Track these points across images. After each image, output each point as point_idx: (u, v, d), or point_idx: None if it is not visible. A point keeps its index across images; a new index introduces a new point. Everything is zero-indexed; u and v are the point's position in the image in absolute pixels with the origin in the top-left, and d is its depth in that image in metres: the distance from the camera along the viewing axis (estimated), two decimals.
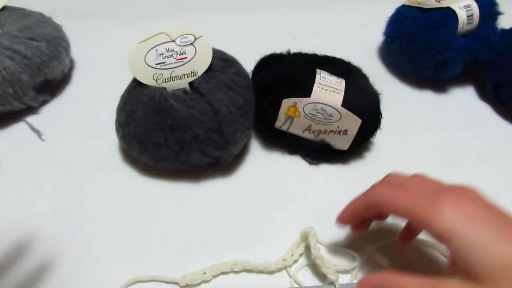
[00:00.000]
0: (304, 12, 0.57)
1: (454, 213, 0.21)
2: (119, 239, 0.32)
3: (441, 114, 0.44)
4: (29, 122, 0.41)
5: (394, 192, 0.25)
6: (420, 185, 0.25)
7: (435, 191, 0.24)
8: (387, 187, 0.26)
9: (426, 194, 0.24)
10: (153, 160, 0.34)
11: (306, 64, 0.37)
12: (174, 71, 0.33)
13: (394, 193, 0.25)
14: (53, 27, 0.43)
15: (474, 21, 0.42)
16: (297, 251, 0.31)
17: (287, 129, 0.36)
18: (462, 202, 0.22)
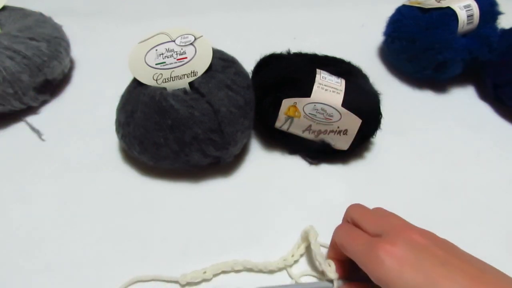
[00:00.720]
0: (304, 12, 0.57)
1: (388, 259, 0.23)
2: (119, 239, 0.32)
3: (441, 114, 0.44)
4: (29, 122, 0.41)
5: (347, 234, 0.27)
6: (371, 225, 0.26)
7: (375, 239, 0.25)
8: (344, 228, 0.28)
9: (367, 241, 0.25)
10: (153, 160, 0.34)
11: (306, 64, 0.37)
12: (174, 71, 0.33)
13: (345, 235, 0.27)
14: (53, 27, 0.43)
15: (474, 21, 0.42)
16: (298, 251, 0.31)
17: (287, 129, 0.36)
18: (395, 248, 0.23)
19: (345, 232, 0.27)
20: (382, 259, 0.23)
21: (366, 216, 0.28)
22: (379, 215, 0.28)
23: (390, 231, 0.25)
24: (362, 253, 0.24)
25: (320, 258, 0.29)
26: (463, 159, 0.40)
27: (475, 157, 0.40)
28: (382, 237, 0.25)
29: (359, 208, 0.29)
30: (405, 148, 0.40)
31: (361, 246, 0.25)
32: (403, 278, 0.22)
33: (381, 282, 0.23)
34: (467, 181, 0.38)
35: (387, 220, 0.27)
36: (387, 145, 0.40)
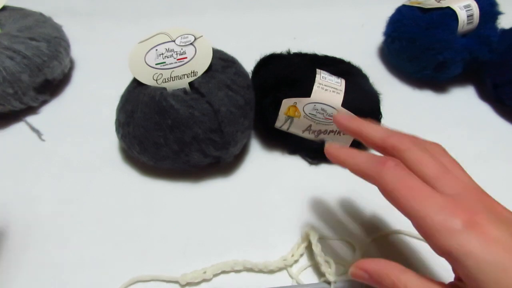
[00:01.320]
0: (304, 12, 0.57)
1: (470, 231, 0.19)
2: (119, 239, 0.32)
3: (441, 114, 0.44)
4: (29, 122, 0.41)
5: (406, 184, 0.21)
6: (435, 175, 0.22)
7: (451, 200, 0.20)
8: (401, 174, 0.22)
9: (439, 202, 0.20)
10: (153, 160, 0.34)
11: (306, 64, 0.37)
12: (174, 71, 0.33)
13: (405, 186, 0.21)
14: (53, 27, 0.43)
15: (474, 21, 0.42)
16: (298, 251, 0.31)
17: (287, 129, 0.36)
18: (478, 217, 0.19)
19: (400, 178, 0.21)
20: (462, 229, 0.19)
21: (424, 159, 0.22)
22: (439, 161, 0.23)
23: (465, 193, 0.21)
24: (430, 216, 0.20)
25: (320, 258, 0.29)
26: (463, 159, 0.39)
27: (475, 157, 0.40)
28: (455, 198, 0.20)
29: (411, 142, 0.23)
30: None
31: (428, 206, 0.20)
32: (489, 255, 0.18)
33: (453, 254, 0.19)
34: None
35: (454, 174, 0.22)
36: None
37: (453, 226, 0.19)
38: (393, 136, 0.24)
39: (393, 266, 0.22)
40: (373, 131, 0.25)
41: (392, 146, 0.23)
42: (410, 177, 0.21)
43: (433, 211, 0.20)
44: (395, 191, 0.21)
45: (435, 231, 0.20)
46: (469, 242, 0.19)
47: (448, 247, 0.19)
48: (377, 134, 0.24)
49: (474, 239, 0.19)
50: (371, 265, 0.22)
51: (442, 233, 0.19)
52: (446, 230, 0.19)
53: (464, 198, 0.21)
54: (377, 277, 0.22)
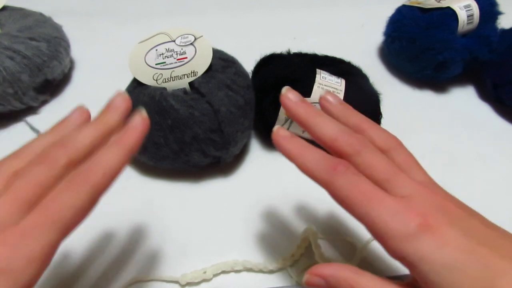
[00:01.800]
0: (304, 12, 0.57)
1: (423, 234, 0.18)
2: (119, 239, 0.32)
3: (441, 114, 0.44)
4: (29, 122, 0.41)
5: (359, 186, 0.20)
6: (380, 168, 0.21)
7: (404, 203, 0.20)
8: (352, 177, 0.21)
9: (391, 204, 0.20)
10: (153, 160, 0.34)
11: (306, 64, 0.37)
12: (174, 71, 0.33)
13: (358, 188, 0.20)
14: (53, 27, 0.43)
15: (474, 21, 0.42)
16: (298, 251, 0.31)
17: (287, 129, 0.36)
18: (430, 219, 0.19)
19: (353, 184, 0.20)
20: (415, 233, 0.18)
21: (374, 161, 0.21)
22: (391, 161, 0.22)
23: (416, 194, 0.20)
24: (385, 221, 0.19)
25: (320, 258, 0.29)
26: (463, 159, 0.40)
27: (475, 157, 0.40)
28: (407, 201, 0.20)
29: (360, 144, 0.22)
30: None
31: (382, 211, 0.19)
32: (443, 257, 0.18)
33: (408, 259, 0.19)
34: (467, 181, 0.38)
35: (406, 174, 0.21)
36: None
37: (407, 231, 0.19)
38: (342, 138, 0.22)
39: (349, 269, 0.21)
40: (323, 127, 0.23)
41: (341, 150, 0.22)
42: (362, 181, 0.21)
43: (387, 216, 0.19)
44: (348, 198, 0.20)
45: (389, 236, 0.19)
46: (423, 246, 0.18)
47: (403, 252, 0.19)
48: (326, 132, 0.22)
49: (428, 243, 0.18)
50: (326, 270, 0.21)
51: (396, 239, 0.19)
52: (400, 235, 0.19)
53: (416, 200, 0.20)
54: (335, 282, 0.20)
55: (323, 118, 0.23)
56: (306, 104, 0.24)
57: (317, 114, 0.23)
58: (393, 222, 0.19)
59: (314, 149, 0.22)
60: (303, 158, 0.22)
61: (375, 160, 0.21)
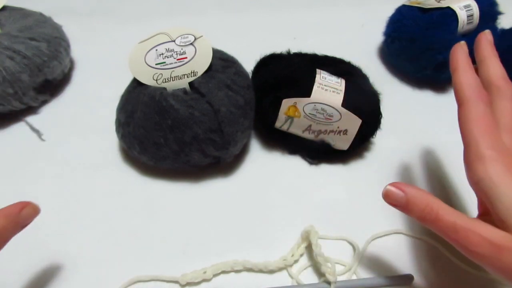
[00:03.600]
0: (304, 12, 0.57)
1: (500, 167, 0.22)
2: (119, 239, 0.32)
3: (441, 114, 0.44)
4: (29, 122, 0.41)
5: (485, 116, 0.24)
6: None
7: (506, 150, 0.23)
8: (486, 109, 0.25)
9: (496, 145, 0.23)
10: (153, 160, 0.34)
11: (306, 64, 0.37)
12: (174, 71, 0.33)
13: (482, 117, 0.24)
14: (53, 27, 0.43)
15: (474, 21, 0.42)
16: (298, 251, 0.31)
17: (287, 129, 0.36)
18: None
19: (483, 115, 0.25)
20: (494, 164, 0.22)
21: (507, 111, 0.26)
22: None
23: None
24: (483, 152, 0.23)
25: (320, 258, 0.29)
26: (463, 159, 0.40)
27: None
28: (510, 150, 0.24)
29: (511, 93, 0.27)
30: (405, 148, 0.40)
31: (485, 142, 0.23)
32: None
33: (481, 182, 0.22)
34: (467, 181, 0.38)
35: None
36: (387, 145, 0.40)
37: (494, 161, 0.22)
38: (500, 80, 0.27)
39: (428, 193, 0.24)
40: (495, 66, 0.28)
41: (497, 87, 0.27)
42: (490, 116, 0.25)
43: (486, 146, 0.23)
44: (470, 120, 0.24)
45: (475, 160, 0.23)
46: (495, 176, 0.22)
47: (483, 174, 0.22)
48: (493, 71, 0.28)
49: (500, 174, 0.22)
50: (407, 187, 0.24)
51: (483, 162, 0.22)
52: (487, 161, 0.22)
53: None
54: (413, 198, 0.24)
55: (498, 60, 0.29)
56: (493, 47, 0.30)
57: (495, 56, 0.29)
58: (488, 150, 0.23)
59: (473, 73, 0.28)
60: (463, 76, 0.28)
61: (509, 110, 0.26)
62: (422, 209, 0.24)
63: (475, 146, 0.23)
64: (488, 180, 0.22)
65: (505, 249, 0.21)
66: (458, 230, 0.22)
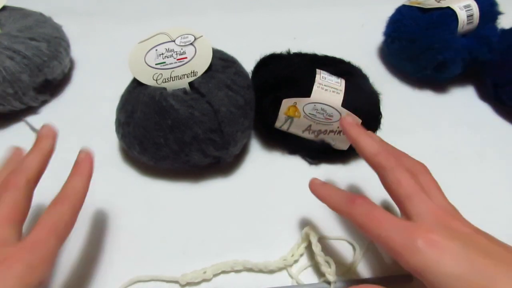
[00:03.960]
0: (304, 12, 0.57)
1: (427, 248, 0.21)
2: (119, 239, 0.32)
3: (441, 114, 0.44)
4: (29, 122, 0.41)
5: (370, 214, 0.24)
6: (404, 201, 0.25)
7: (412, 224, 0.23)
8: (365, 206, 0.25)
9: (400, 226, 0.23)
10: (153, 160, 0.34)
11: (306, 64, 0.37)
12: (174, 71, 0.33)
13: (369, 216, 0.24)
14: (53, 27, 0.43)
15: (474, 21, 0.42)
16: (298, 251, 0.31)
17: (287, 129, 0.36)
18: (435, 236, 0.22)
19: (367, 212, 0.25)
20: (420, 248, 0.21)
21: (403, 179, 0.25)
22: (417, 181, 0.25)
23: (425, 215, 0.23)
24: (394, 239, 0.23)
25: (320, 258, 0.29)
26: (463, 159, 0.40)
27: (475, 157, 0.40)
28: (417, 222, 0.23)
29: (395, 162, 0.26)
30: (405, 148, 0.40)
31: (391, 232, 0.23)
32: (444, 267, 0.21)
33: (416, 271, 0.22)
34: (467, 181, 0.38)
35: (427, 195, 0.25)
36: None
37: (413, 246, 0.22)
38: (381, 154, 0.27)
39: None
40: (367, 145, 0.28)
41: (379, 163, 0.26)
42: (375, 209, 0.25)
43: (396, 235, 0.23)
44: (364, 223, 0.24)
45: (400, 251, 0.22)
46: (427, 258, 0.21)
47: (412, 265, 0.22)
48: (369, 149, 0.27)
49: (430, 255, 0.21)
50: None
51: (406, 253, 0.22)
52: (408, 250, 0.22)
53: (426, 219, 0.23)
54: None
55: (370, 138, 0.28)
56: (358, 126, 0.29)
57: (366, 134, 0.29)
58: (401, 239, 0.22)
59: (338, 190, 0.28)
60: (331, 199, 0.27)
61: (403, 178, 0.25)
62: None
63: (391, 242, 0.23)
64: (427, 271, 0.21)
65: None
66: None
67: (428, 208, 0.24)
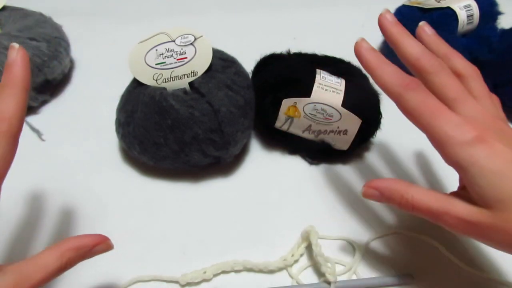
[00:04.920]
0: (304, 12, 0.57)
1: (478, 143, 0.21)
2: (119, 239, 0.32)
3: None
4: (29, 122, 0.41)
5: (427, 100, 0.23)
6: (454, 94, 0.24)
7: (465, 119, 0.23)
8: (422, 94, 0.23)
9: (454, 117, 0.22)
10: (153, 160, 0.34)
11: (306, 64, 0.37)
12: (174, 71, 0.33)
13: (427, 101, 0.23)
14: (53, 27, 0.43)
15: (474, 21, 0.42)
16: (298, 251, 0.31)
17: (287, 129, 0.36)
18: (487, 134, 0.22)
19: (422, 98, 0.23)
20: (471, 142, 0.21)
21: (448, 83, 0.24)
22: (464, 86, 0.24)
23: (479, 116, 0.23)
24: (446, 131, 0.22)
25: (320, 258, 0.29)
26: None
27: None
28: (469, 119, 0.23)
29: (440, 66, 0.25)
30: (405, 148, 0.40)
31: (444, 122, 0.22)
32: (492, 164, 0.21)
33: (462, 164, 0.22)
34: None
35: (475, 100, 0.24)
36: (387, 145, 0.40)
37: (464, 140, 0.22)
38: (424, 58, 0.25)
39: (401, 182, 0.25)
40: (409, 46, 0.25)
41: (422, 67, 0.25)
42: (430, 97, 0.23)
43: (448, 127, 0.22)
44: (415, 110, 0.23)
45: (447, 143, 0.22)
46: (476, 154, 0.21)
47: (457, 157, 0.22)
48: (412, 51, 0.25)
49: (480, 151, 0.21)
50: (381, 183, 0.25)
51: (453, 145, 0.22)
52: (457, 143, 0.22)
53: (477, 119, 0.23)
54: (388, 192, 0.25)
55: (411, 39, 0.26)
56: (399, 25, 0.27)
57: (407, 35, 0.26)
58: (452, 131, 0.22)
59: (391, 64, 0.25)
60: (380, 70, 0.25)
61: (449, 81, 0.24)
62: (399, 201, 0.24)
63: (441, 133, 0.22)
64: (473, 165, 0.21)
65: (483, 226, 0.21)
66: (435, 215, 0.23)
67: (478, 112, 0.23)
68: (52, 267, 0.23)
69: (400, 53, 0.26)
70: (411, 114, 0.24)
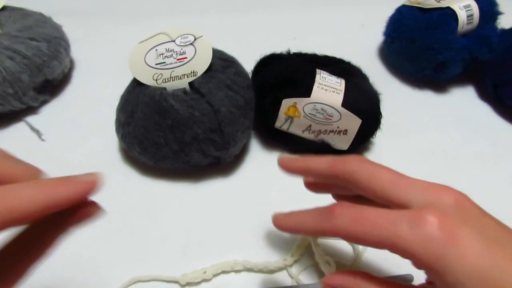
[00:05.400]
0: (304, 12, 0.57)
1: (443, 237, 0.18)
2: (119, 239, 0.32)
3: (441, 114, 0.44)
4: (29, 122, 0.41)
5: (362, 215, 0.20)
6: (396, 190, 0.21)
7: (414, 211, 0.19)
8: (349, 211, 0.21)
9: (399, 218, 0.19)
10: (153, 160, 0.34)
11: (306, 64, 0.37)
12: (174, 71, 0.33)
13: (362, 217, 0.20)
14: (53, 27, 0.43)
15: (474, 21, 0.42)
16: (298, 251, 0.31)
17: (287, 129, 0.36)
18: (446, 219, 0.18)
19: (355, 216, 0.20)
20: (434, 237, 0.18)
21: (376, 170, 0.21)
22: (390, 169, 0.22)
23: (423, 194, 0.20)
24: (403, 237, 0.18)
25: (320, 258, 0.29)
26: (463, 159, 0.40)
27: (475, 157, 0.40)
28: (415, 208, 0.19)
29: (358, 161, 0.22)
30: (405, 148, 0.40)
31: (394, 227, 0.19)
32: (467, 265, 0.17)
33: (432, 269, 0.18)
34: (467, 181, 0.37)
35: (405, 179, 0.21)
36: (387, 145, 0.40)
37: (426, 236, 0.18)
38: (339, 162, 0.23)
39: (359, 276, 0.21)
40: (318, 164, 0.24)
41: (341, 171, 0.22)
42: (362, 209, 0.20)
43: (403, 230, 0.18)
44: (357, 231, 0.20)
45: (413, 249, 0.18)
46: (447, 257, 0.18)
47: (427, 262, 0.18)
48: (323, 166, 0.24)
49: (451, 254, 0.18)
50: (337, 280, 0.22)
51: (420, 249, 0.18)
52: (423, 245, 0.18)
53: (425, 202, 0.20)
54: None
55: (315, 158, 0.25)
56: (297, 158, 0.26)
57: (309, 158, 0.25)
58: (411, 233, 0.18)
59: (306, 211, 0.23)
60: (304, 224, 0.23)
61: (376, 169, 0.22)
62: None
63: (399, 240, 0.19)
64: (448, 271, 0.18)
65: None
66: None
67: (419, 186, 0.21)
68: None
69: (314, 172, 0.24)
70: (355, 238, 0.20)
